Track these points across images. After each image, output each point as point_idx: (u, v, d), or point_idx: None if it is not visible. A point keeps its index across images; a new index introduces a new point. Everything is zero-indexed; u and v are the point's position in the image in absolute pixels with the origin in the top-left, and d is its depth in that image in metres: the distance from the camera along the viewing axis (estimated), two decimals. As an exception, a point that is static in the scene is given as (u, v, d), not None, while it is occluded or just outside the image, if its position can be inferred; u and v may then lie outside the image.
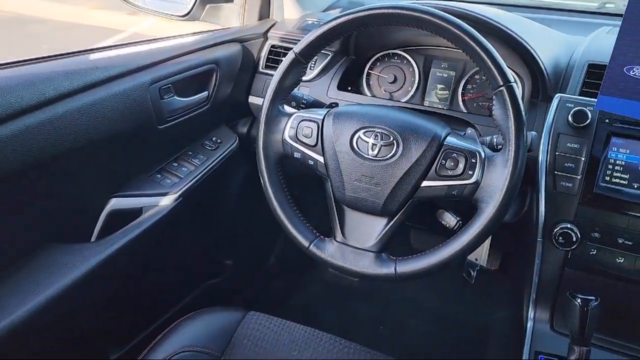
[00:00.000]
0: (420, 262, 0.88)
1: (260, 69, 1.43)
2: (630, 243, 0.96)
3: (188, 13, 1.45)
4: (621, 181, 0.97)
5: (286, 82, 0.98)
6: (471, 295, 1.79)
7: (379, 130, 0.90)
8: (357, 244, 0.94)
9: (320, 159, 0.95)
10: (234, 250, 1.68)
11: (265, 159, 0.99)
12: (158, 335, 1.02)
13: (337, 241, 0.95)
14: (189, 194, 1.25)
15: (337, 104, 1.14)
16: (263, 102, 0.98)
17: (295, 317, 1.10)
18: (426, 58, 1.33)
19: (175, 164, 1.29)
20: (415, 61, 1.32)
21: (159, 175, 1.25)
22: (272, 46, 1.42)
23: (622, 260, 0.97)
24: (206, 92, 1.31)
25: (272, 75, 1.00)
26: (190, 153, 1.33)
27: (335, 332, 1.06)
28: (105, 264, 1.05)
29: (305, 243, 0.96)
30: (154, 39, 1.26)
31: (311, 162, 0.97)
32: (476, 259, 1.30)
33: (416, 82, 1.32)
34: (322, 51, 1.30)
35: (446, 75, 1.30)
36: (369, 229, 0.94)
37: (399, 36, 1.32)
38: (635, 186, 0.96)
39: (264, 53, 1.43)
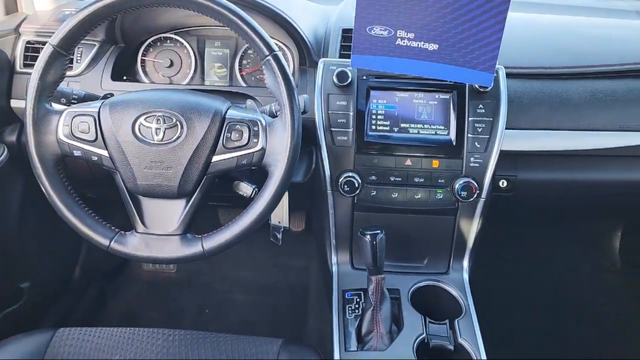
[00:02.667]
0: (224, 235, 0.91)
1: (18, 69, 1.28)
2: (400, 179, 1.12)
3: None
4: (384, 128, 1.12)
5: (49, 78, 0.90)
6: (286, 258, 1.90)
7: (160, 114, 0.90)
8: (160, 231, 0.93)
9: (104, 152, 0.91)
10: (30, 271, 1.51)
11: (41, 163, 0.91)
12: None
13: (138, 232, 0.93)
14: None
15: (112, 95, 1.09)
16: (26, 104, 0.90)
17: (115, 322, 1.06)
18: (199, 39, 1.34)
19: None
20: (188, 43, 1.33)
21: None
22: (28, 42, 1.29)
23: (396, 195, 1.13)
24: None
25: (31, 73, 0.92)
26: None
27: (161, 326, 1.05)
28: None
29: (105, 242, 0.92)
30: None
31: (95, 158, 0.92)
32: (279, 222, 1.38)
33: (193, 63, 1.32)
34: (88, 42, 1.24)
35: (221, 54, 1.33)
36: (169, 214, 0.94)
37: (168, 19, 1.30)
38: (396, 130, 1.12)
39: (19, 51, 1.29)
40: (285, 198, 1.34)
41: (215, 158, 0.91)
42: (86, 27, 0.90)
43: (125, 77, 1.28)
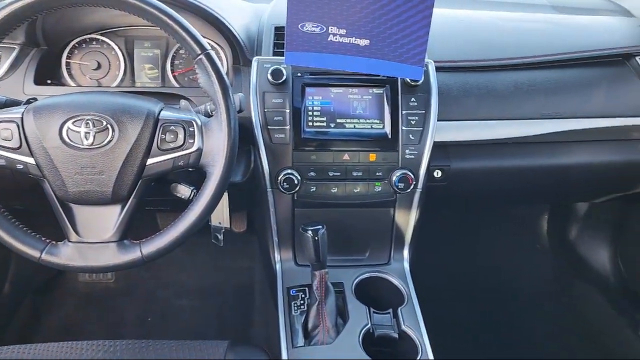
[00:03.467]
0: (163, 239, 0.89)
1: None
2: (338, 174, 1.14)
3: None
4: (321, 124, 1.13)
5: None
6: (229, 259, 1.88)
7: (89, 118, 0.87)
8: (94, 239, 0.90)
9: (30, 160, 0.87)
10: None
11: None
12: None
13: (71, 242, 0.90)
14: None
15: (36, 99, 1.04)
16: None
17: (52, 338, 1.01)
18: (127, 39, 1.29)
19: None
20: (116, 44, 1.28)
21: None
22: None
23: (336, 190, 1.15)
24: None
25: None
26: None
27: (103, 337, 1.01)
28: None
29: (36, 253, 0.88)
30: None
31: (20, 167, 0.88)
32: (220, 223, 1.36)
33: (122, 65, 1.28)
34: (6, 45, 1.17)
35: (152, 54, 1.29)
36: (104, 220, 0.90)
37: (93, 19, 1.25)
38: (332, 125, 1.13)
39: None
40: (224, 198, 1.32)
41: (150, 161, 0.89)
42: (3, 29, 0.86)
43: (49, 81, 1.22)
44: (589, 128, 1.30)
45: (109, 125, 0.87)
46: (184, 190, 0.97)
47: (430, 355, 1.01)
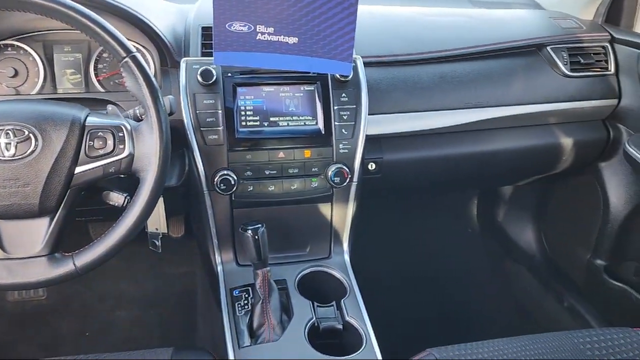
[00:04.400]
0: (98, 249, 0.87)
1: None
2: (275, 172, 1.15)
3: None
4: (254, 123, 1.13)
5: None
6: (168, 266, 1.84)
7: (9, 128, 0.83)
8: (22, 254, 0.86)
9: None
10: None
11: None
12: None
13: None
14: None
15: None
16: None
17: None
18: (45, 44, 1.23)
19: None
20: (33, 50, 1.22)
21: None
22: None
23: (273, 188, 1.15)
24: None
25: None
26: None
27: (37, 357, 0.97)
28: None
29: None
30: None
31: None
32: (157, 229, 1.34)
33: (41, 71, 1.22)
34: None
35: (73, 59, 1.24)
36: (31, 234, 0.86)
37: (7, 24, 1.18)
38: (266, 124, 1.14)
39: None
40: (160, 203, 1.30)
41: (78, 169, 0.86)
42: None
43: None
44: (510, 115, 1.38)
45: (31, 135, 0.83)
46: (116, 198, 0.94)
47: (375, 343, 1.04)
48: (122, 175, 0.90)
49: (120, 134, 0.87)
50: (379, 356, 1.01)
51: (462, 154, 1.41)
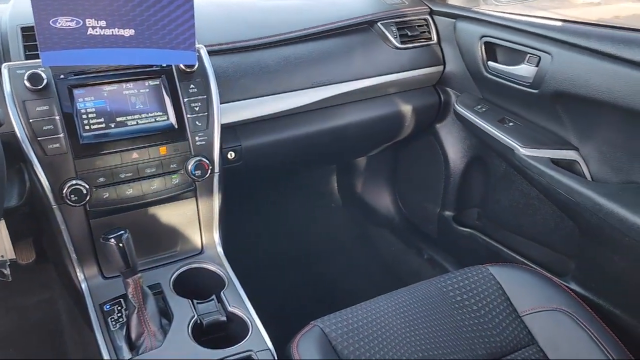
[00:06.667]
0: None
1: None
2: (130, 174, 1.08)
3: None
4: (100, 126, 1.06)
5: None
6: (22, 296, 1.66)
7: None
8: None
9: None
10: None
11: None
12: None
13: None
14: None
15: None
16: None
17: None
18: None
19: None
20: None
21: None
22: None
23: (131, 191, 1.09)
24: None
25: None
26: None
27: None
28: None
29: None
30: None
31: None
32: (2, 256, 1.19)
33: None
34: None
35: None
36: None
37: None
38: (113, 125, 1.07)
39: None
40: (2, 228, 1.16)
41: None
42: None
43: None
44: (353, 90, 1.46)
45: None
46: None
47: (261, 328, 1.05)
48: None
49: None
50: (267, 339, 1.03)
51: (316, 131, 1.46)
